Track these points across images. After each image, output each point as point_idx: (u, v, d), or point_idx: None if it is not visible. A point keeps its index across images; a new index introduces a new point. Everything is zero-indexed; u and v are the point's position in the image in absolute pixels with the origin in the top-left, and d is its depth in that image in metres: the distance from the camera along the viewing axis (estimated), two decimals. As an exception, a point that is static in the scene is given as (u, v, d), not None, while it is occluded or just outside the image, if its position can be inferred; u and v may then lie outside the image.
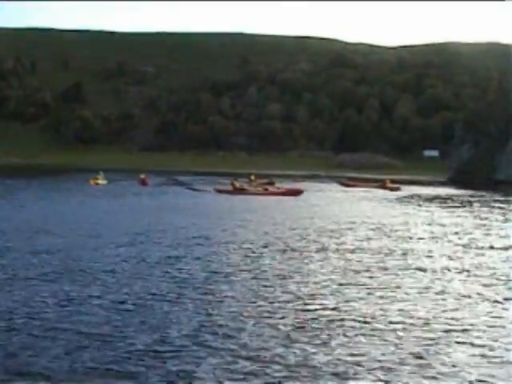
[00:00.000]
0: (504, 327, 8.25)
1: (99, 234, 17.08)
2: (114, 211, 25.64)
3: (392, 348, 7.30)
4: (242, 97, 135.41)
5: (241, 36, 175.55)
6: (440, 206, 32.80)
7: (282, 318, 8.48)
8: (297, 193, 40.28)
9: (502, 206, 34.19)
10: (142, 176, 48.88)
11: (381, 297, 9.89)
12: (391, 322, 8.37)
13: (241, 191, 39.91)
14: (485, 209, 31.26)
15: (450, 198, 41.91)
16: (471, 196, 43.82)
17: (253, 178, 45.62)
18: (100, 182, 46.83)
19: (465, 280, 11.51)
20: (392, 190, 51.51)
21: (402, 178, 75.77)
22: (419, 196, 43.44)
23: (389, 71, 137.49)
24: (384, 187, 52.58)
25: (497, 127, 77.76)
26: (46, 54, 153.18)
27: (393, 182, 56.69)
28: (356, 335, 7.77)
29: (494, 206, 33.28)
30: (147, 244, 15.22)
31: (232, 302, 9.28)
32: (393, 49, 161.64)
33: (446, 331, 7.99)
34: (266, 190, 41.76)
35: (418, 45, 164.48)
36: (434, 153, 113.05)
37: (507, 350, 7.31)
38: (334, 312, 8.85)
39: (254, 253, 14.18)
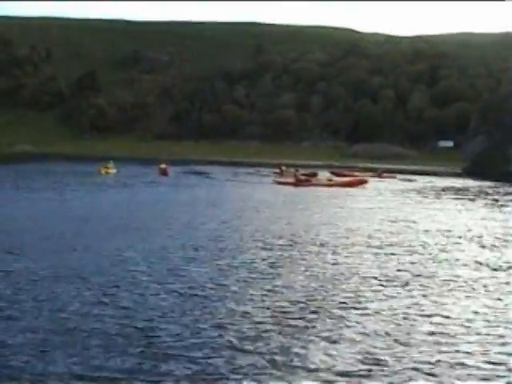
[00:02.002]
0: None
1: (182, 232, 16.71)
2: (172, 205, 24.38)
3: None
4: (255, 86, 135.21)
5: (255, 25, 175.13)
6: (456, 198, 32.91)
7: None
8: (362, 183, 39.29)
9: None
10: (163, 166, 46.74)
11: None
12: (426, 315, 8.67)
13: (304, 183, 38.60)
14: (501, 201, 31.36)
15: (466, 189, 41.91)
16: (487, 187, 43.79)
17: (284, 168, 44.68)
18: (110, 170, 45.82)
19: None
20: (388, 178, 52.79)
21: (417, 169, 75.75)
22: (434, 187, 43.42)
23: (403, 61, 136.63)
24: (380, 177, 53.36)
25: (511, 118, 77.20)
26: (60, 43, 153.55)
27: (388, 171, 57.87)
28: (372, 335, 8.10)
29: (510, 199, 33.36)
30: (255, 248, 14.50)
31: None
32: (407, 39, 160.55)
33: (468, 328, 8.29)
34: (331, 180, 40.87)
35: (433, 35, 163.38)
36: (449, 143, 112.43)
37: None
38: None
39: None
